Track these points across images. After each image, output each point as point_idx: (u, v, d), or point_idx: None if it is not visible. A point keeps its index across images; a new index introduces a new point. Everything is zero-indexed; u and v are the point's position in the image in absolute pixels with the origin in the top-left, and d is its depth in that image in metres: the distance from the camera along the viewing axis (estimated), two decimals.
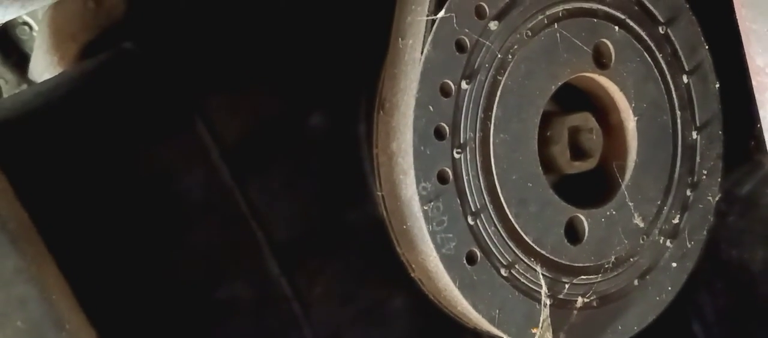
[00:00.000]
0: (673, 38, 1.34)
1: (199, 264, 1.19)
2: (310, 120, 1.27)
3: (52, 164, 1.11)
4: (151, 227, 1.16)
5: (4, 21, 1.06)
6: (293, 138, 1.26)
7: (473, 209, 1.19)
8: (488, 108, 1.20)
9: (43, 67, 1.46)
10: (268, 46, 1.29)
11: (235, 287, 1.20)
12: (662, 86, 1.34)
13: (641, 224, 1.32)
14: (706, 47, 1.38)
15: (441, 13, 1.15)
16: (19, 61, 1.82)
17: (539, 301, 1.24)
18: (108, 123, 1.17)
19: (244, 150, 1.22)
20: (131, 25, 1.42)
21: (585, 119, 1.31)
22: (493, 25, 1.19)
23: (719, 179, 1.41)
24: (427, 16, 1.16)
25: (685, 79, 1.36)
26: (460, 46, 1.17)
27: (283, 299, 1.22)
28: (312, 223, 1.26)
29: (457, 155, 1.18)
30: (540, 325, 1.23)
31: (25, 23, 1.80)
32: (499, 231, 1.21)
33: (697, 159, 1.38)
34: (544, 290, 1.23)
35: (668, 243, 1.35)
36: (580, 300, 1.28)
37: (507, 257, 1.22)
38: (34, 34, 1.78)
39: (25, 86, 1.78)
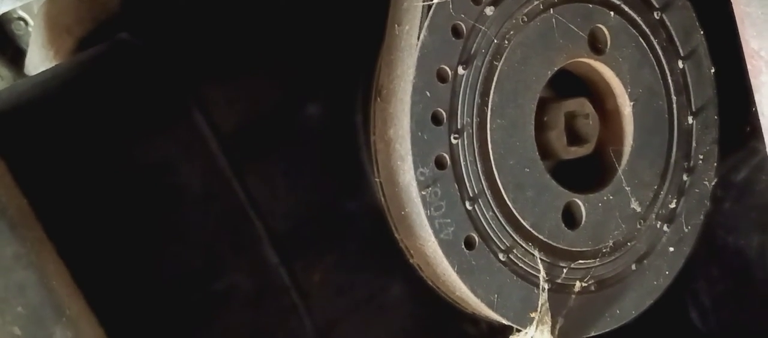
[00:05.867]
0: (668, 23, 1.35)
1: (198, 254, 1.18)
2: (308, 109, 1.27)
3: (51, 153, 1.11)
4: (150, 217, 1.16)
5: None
6: (291, 127, 1.26)
7: (471, 194, 1.20)
8: (485, 93, 1.20)
9: (39, 61, 1.46)
10: (265, 36, 1.29)
11: (233, 276, 1.20)
12: (657, 71, 1.34)
13: (638, 209, 1.33)
14: (701, 32, 1.38)
15: None
16: (15, 56, 1.81)
17: (537, 286, 1.24)
18: (106, 112, 1.17)
19: (242, 140, 1.23)
20: (127, 17, 1.42)
21: (581, 105, 1.32)
22: (489, 11, 1.19)
23: (715, 164, 1.41)
24: (424, 1, 1.16)
25: (680, 64, 1.36)
26: (456, 32, 1.18)
27: (282, 288, 1.22)
28: (310, 212, 1.26)
29: (454, 141, 1.18)
30: (538, 309, 1.23)
31: (21, 18, 1.80)
32: (496, 216, 1.21)
33: (693, 144, 1.38)
34: (542, 274, 1.24)
35: (665, 228, 1.36)
36: (577, 284, 1.29)
37: (505, 242, 1.22)
38: (30, 29, 1.78)
39: None
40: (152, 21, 1.35)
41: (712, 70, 1.40)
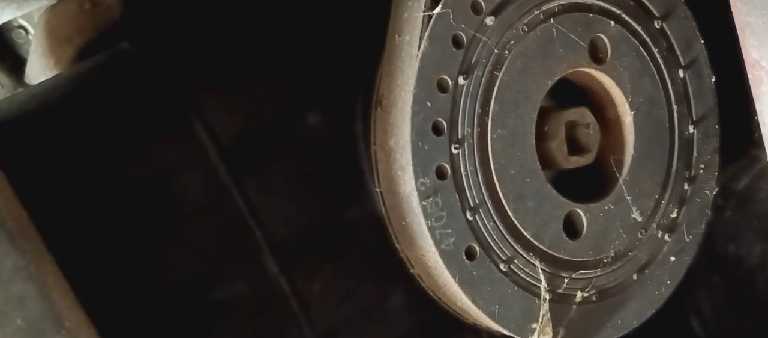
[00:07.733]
0: (668, 33, 1.35)
1: (198, 263, 1.18)
2: (307, 118, 1.27)
3: (50, 163, 1.11)
4: (150, 227, 1.16)
5: (0, 23, 1.06)
6: (290, 136, 1.26)
7: (472, 205, 1.19)
8: (485, 104, 1.20)
9: (40, 70, 1.45)
10: (265, 45, 1.29)
11: (233, 286, 1.20)
12: (658, 80, 1.34)
13: (639, 219, 1.32)
14: (702, 42, 1.38)
15: (437, 9, 1.16)
16: (15, 65, 1.81)
17: (538, 296, 1.24)
18: (106, 122, 1.17)
19: (241, 149, 1.22)
20: (128, 26, 1.42)
21: (582, 114, 1.32)
22: (489, 21, 1.19)
23: (716, 173, 1.41)
24: (424, 12, 1.16)
25: (680, 73, 1.36)
26: (456, 42, 1.18)
27: (282, 297, 1.22)
28: (310, 221, 1.26)
29: (455, 151, 1.18)
30: (540, 320, 1.23)
31: (21, 27, 1.80)
32: (497, 226, 1.21)
33: (694, 153, 1.38)
34: (543, 285, 1.23)
35: (666, 237, 1.36)
36: (579, 294, 1.28)
37: (506, 252, 1.22)
38: (30, 38, 1.78)
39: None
40: (153, 30, 1.35)
41: (713, 80, 1.40)
